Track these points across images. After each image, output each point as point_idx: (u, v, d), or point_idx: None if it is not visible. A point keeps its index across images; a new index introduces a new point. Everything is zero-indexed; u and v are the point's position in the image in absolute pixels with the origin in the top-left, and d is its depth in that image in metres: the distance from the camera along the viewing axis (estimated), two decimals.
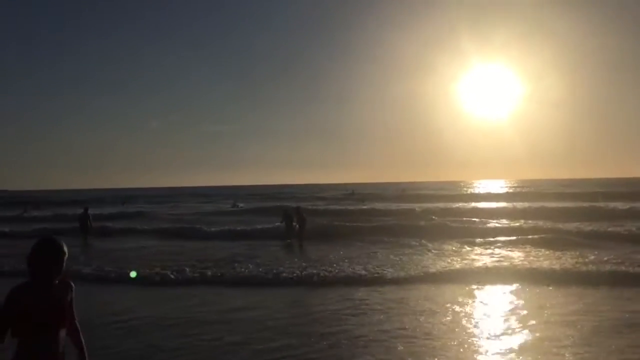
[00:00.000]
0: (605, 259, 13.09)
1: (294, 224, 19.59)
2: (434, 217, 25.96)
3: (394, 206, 36.62)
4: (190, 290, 11.15)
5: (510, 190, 65.36)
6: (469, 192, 68.55)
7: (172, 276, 12.34)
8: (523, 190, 62.25)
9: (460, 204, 37.75)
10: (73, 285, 3.41)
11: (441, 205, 35.93)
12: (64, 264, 3.29)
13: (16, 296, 3.12)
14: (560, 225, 20.72)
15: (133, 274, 12.41)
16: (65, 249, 3.30)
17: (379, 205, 37.31)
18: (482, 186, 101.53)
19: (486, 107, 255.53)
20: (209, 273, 12.62)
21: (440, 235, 18.96)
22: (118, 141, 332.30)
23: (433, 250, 15.87)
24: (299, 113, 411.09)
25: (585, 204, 30.91)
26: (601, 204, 30.86)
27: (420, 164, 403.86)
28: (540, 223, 21.63)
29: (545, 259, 13.53)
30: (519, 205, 32.14)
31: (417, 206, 33.99)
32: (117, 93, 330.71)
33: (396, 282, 11.27)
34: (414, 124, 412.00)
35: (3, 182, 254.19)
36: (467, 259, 14.01)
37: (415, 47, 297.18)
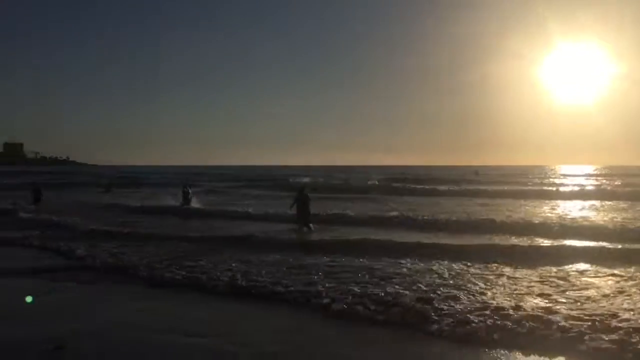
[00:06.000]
0: None
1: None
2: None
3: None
4: None
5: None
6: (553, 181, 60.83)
7: None
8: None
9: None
10: None
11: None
12: None
13: None
14: None
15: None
16: None
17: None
18: (570, 173, 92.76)
19: (573, 88, 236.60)
20: None
21: None
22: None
23: None
24: (375, 98, 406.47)
25: None
26: None
27: (501, 148, 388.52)
28: None
29: None
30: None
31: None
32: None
33: None
34: (492, 108, 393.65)
35: (91, 157, 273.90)
36: None
37: (493, 27, 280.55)
